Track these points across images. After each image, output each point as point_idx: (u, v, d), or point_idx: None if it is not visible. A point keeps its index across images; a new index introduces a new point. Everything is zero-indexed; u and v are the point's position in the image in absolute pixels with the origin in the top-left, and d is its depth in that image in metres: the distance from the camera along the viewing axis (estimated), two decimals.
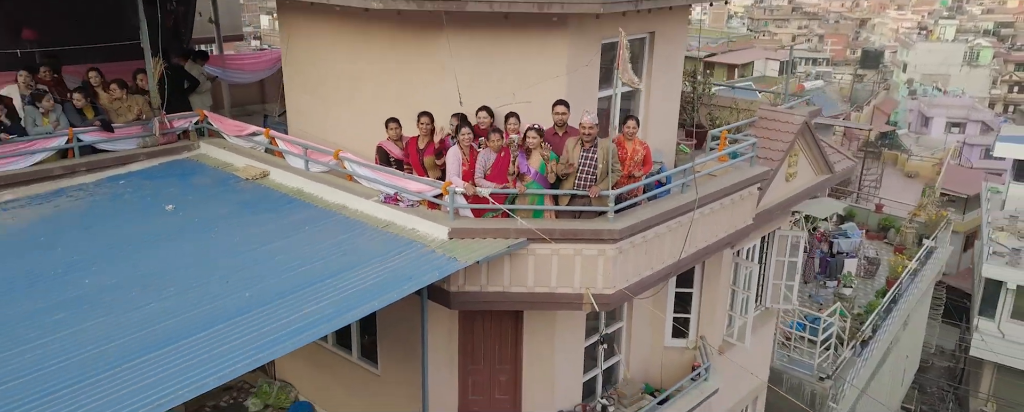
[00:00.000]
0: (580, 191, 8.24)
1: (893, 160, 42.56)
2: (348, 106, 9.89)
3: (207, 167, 10.41)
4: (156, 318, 6.60)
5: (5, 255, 7.88)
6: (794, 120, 11.34)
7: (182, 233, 8.52)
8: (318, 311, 6.69)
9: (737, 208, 10.16)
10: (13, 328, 6.54)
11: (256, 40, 59.39)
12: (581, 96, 9.12)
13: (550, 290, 8.35)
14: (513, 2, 8.03)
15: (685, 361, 11.66)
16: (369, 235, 8.29)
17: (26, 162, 9.44)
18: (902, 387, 23.37)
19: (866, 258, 20.82)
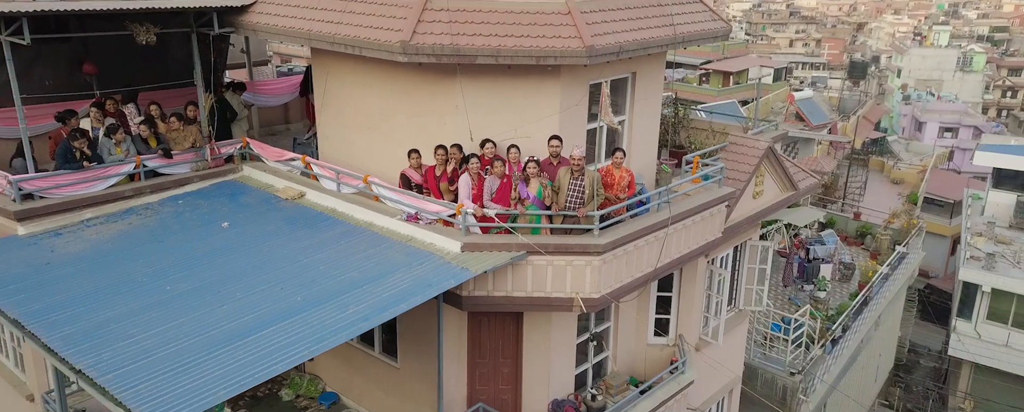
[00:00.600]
0: (570, 212, 9.90)
1: (880, 167, 44.20)
2: (373, 136, 11.53)
3: (251, 188, 12.07)
4: (232, 316, 8.26)
5: (98, 265, 9.54)
6: (759, 146, 12.98)
7: (238, 246, 10.18)
8: (360, 311, 8.35)
9: (707, 223, 11.82)
10: (118, 324, 8.19)
11: (279, 61, 60.94)
12: (572, 130, 10.78)
13: (546, 295, 10.00)
14: (515, 56, 9.69)
15: (665, 357, 13.29)
16: (394, 248, 9.95)
17: (102, 185, 11.09)
18: (875, 383, 24.97)
19: (842, 263, 22.45)
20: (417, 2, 9.89)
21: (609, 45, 9.98)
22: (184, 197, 11.69)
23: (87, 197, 10.93)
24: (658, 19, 11.03)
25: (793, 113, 42.66)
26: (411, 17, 9.80)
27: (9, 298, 8.76)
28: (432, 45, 9.64)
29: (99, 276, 9.33)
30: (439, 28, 9.74)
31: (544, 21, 9.90)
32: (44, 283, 9.17)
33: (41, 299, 8.77)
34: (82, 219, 10.82)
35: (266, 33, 11.49)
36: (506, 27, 9.84)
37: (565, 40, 9.77)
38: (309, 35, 10.79)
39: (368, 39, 9.98)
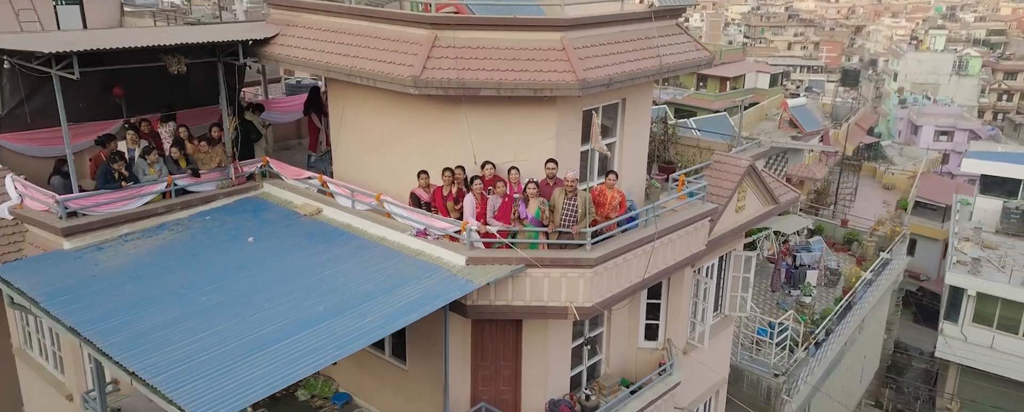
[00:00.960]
0: (565, 229, 10.95)
1: (872, 173, 45.23)
2: (385, 156, 12.56)
3: (272, 204, 13.11)
4: (262, 324, 9.30)
5: (139, 277, 10.59)
6: (741, 164, 14.01)
7: (263, 259, 11.23)
8: (376, 320, 9.39)
9: (691, 237, 12.86)
10: (162, 331, 9.23)
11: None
12: (567, 152, 11.83)
13: (543, 304, 11.05)
14: (515, 89, 10.74)
15: (655, 359, 14.32)
16: (405, 261, 11.00)
17: (138, 203, 12.14)
18: (861, 384, 25.98)
19: (828, 269, 23.48)
20: (426, 40, 10.94)
21: (599, 78, 11.04)
22: (211, 213, 12.73)
23: (124, 214, 11.97)
24: (645, 51, 12.09)
25: (787, 120, 43.71)
26: (421, 54, 10.85)
27: (64, 307, 9.80)
28: (440, 79, 10.69)
29: (141, 287, 10.37)
30: (446, 64, 10.79)
31: (541, 57, 10.95)
32: (92, 294, 10.21)
33: (92, 308, 9.81)
34: (120, 234, 11.86)
35: (286, 63, 12.55)
36: (507, 62, 10.89)
37: (560, 74, 10.82)
38: (327, 67, 11.83)
39: (382, 73, 11.04)
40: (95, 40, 10.88)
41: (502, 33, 11.02)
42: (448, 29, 10.98)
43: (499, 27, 11.06)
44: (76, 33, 12.41)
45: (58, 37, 11.56)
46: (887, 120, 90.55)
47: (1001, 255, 34.13)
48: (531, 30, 11.06)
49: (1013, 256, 33.91)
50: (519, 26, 11.06)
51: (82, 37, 11.51)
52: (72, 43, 10.60)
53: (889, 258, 24.75)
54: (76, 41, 10.76)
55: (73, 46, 10.44)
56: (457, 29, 10.99)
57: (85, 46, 10.54)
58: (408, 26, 11.23)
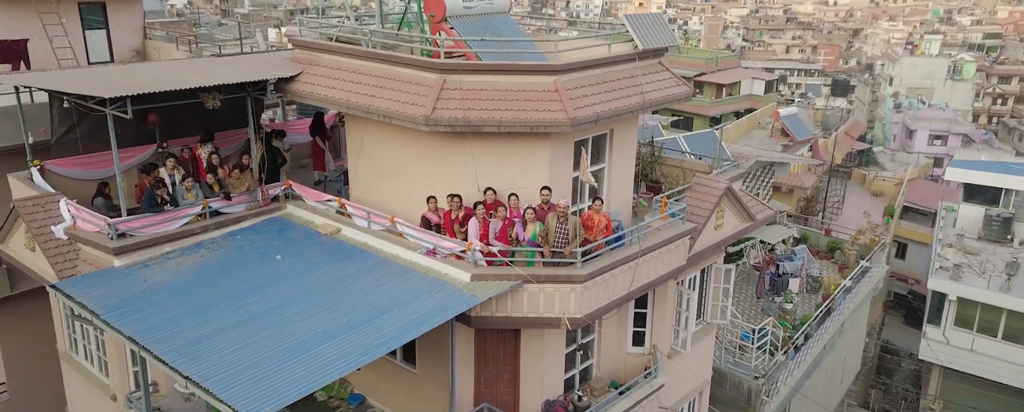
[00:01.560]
0: (558, 249, 12.42)
1: (862, 180, 46.66)
2: (398, 182, 14.02)
3: (295, 224, 14.57)
4: (295, 334, 10.77)
5: (183, 292, 12.05)
6: (719, 186, 15.45)
7: (291, 275, 12.69)
8: (393, 331, 10.86)
9: (673, 254, 14.32)
10: (209, 340, 10.70)
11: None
12: (560, 178, 13.30)
13: (539, 315, 12.51)
14: (514, 126, 12.21)
15: (642, 364, 15.78)
16: (417, 278, 12.46)
17: (177, 224, 13.60)
18: (841, 385, 27.42)
19: (810, 277, 24.93)
20: (436, 83, 12.42)
21: (588, 115, 12.51)
22: (241, 232, 14.19)
23: (166, 234, 13.43)
24: (629, 89, 13.55)
25: (779, 129, 45.17)
26: (431, 95, 12.32)
27: (121, 319, 11.27)
28: (448, 118, 12.16)
29: (186, 300, 11.84)
30: (454, 104, 12.26)
31: (537, 98, 12.42)
32: (145, 306, 11.68)
33: (145, 320, 11.28)
34: (163, 252, 13.32)
35: (309, 99, 14.02)
36: (507, 102, 12.36)
37: (553, 113, 12.30)
38: (347, 104, 13.31)
39: (397, 112, 12.51)
40: (146, 84, 12.35)
41: (503, 77, 12.50)
42: (455, 74, 12.47)
43: (500, 72, 12.54)
44: (126, 73, 13.84)
45: (113, 79, 12.98)
46: (883, 124, 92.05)
47: (982, 261, 35.61)
48: (528, 74, 12.54)
49: (994, 262, 35.39)
50: (518, 71, 12.55)
51: (133, 78, 12.94)
52: (127, 87, 12.05)
53: (868, 266, 26.17)
54: (129, 85, 12.21)
55: (128, 90, 11.90)
56: (463, 74, 12.47)
57: (138, 90, 12.01)
58: (419, 70, 12.71)
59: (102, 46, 24.36)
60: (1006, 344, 32.60)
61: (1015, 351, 32.34)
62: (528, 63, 12.64)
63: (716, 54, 69.67)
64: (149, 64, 15.92)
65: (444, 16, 13.79)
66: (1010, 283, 32.93)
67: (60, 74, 14.09)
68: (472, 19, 14.15)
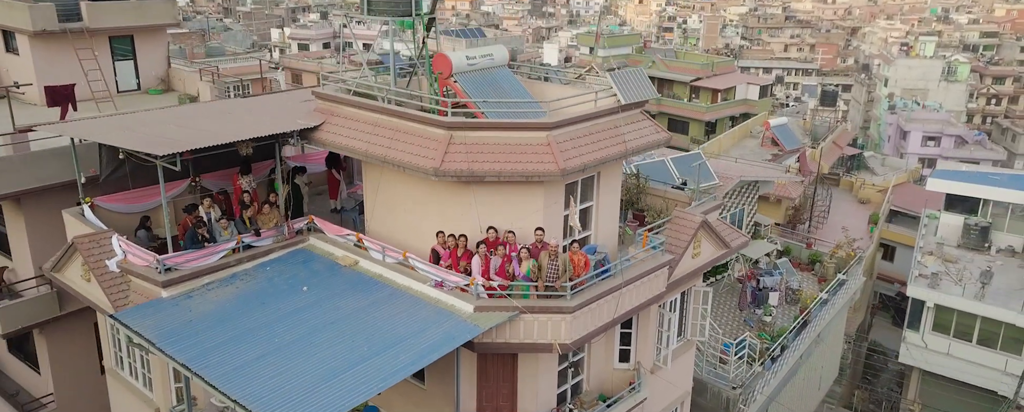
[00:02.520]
0: (549, 284, 14.25)
1: (849, 187, 48.43)
2: (409, 218, 15.82)
3: (317, 255, 16.40)
4: (325, 361, 12.60)
5: (225, 321, 13.87)
6: (696, 220, 17.25)
7: (316, 304, 14.53)
8: (408, 358, 12.69)
9: (653, 283, 16.14)
10: (251, 367, 12.53)
11: None
12: (553, 217, 15.11)
13: (533, 341, 14.34)
14: (512, 176, 14.02)
15: (627, 378, 17.61)
16: (427, 308, 14.29)
17: (215, 258, 15.43)
18: (818, 391, 29.27)
19: (789, 289, 26.74)
20: (444, 138, 14.24)
21: (576, 166, 14.34)
22: (270, 264, 16.02)
23: (206, 267, 15.26)
24: (613, 139, 15.36)
25: (769, 138, 46.94)
26: (440, 149, 14.14)
27: (174, 347, 13.13)
28: (455, 170, 13.98)
29: (228, 330, 13.68)
30: (459, 157, 14.08)
31: (532, 151, 14.23)
32: (192, 334, 13.53)
33: (194, 347, 13.13)
34: (204, 284, 15.16)
35: (332, 147, 15.85)
36: (505, 155, 14.17)
37: (546, 165, 14.12)
38: (366, 154, 15.13)
39: (410, 163, 14.34)
40: (194, 139, 14.20)
41: (502, 133, 14.32)
42: (460, 130, 14.28)
43: (500, 128, 14.35)
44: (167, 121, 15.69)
45: (163, 134, 14.78)
46: (878, 124, 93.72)
47: (960, 269, 37.44)
48: (524, 130, 14.35)
49: (971, 269, 37.21)
50: (515, 127, 14.36)
51: (179, 132, 14.78)
52: (177, 144, 13.89)
53: (845, 279, 27.96)
54: (179, 141, 14.05)
55: (179, 147, 13.74)
56: (467, 130, 14.29)
57: (187, 146, 13.85)
58: (429, 126, 14.52)
59: (130, 75, 26.22)
60: (980, 348, 34.48)
61: (988, 355, 34.22)
62: (523, 121, 14.46)
63: (712, 59, 71.46)
64: (186, 109, 17.72)
65: (451, 73, 15.62)
66: (984, 291, 34.76)
67: (116, 127, 15.86)
68: (475, 74, 15.98)
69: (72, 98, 19.49)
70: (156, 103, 25.84)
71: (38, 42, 23.68)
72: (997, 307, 33.61)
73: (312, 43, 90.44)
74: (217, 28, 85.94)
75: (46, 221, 18.66)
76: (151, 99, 26.11)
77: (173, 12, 26.43)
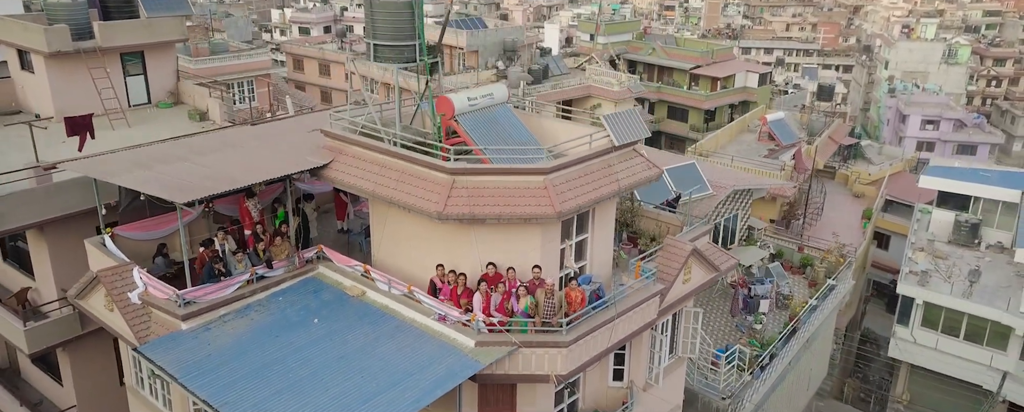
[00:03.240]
0: (546, 319, 15.18)
1: (844, 181, 49.23)
2: (413, 252, 16.70)
3: (326, 285, 17.30)
4: (338, 397, 13.55)
5: (241, 356, 14.80)
6: (686, 248, 18.12)
7: (328, 338, 15.46)
8: (415, 395, 13.64)
9: (645, 311, 17.07)
10: (268, 403, 13.50)
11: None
12: (550, 253, 15.99)
13: (531, 372, 15.30)
14: (511, 218, 14.89)
15: (621, 396, 18.61)
16: (432, 343, 15.23)
17: (230, 290, 16.35)
18: (808, 391, 30.35)
19: (780, 295, 27.70)
20: (447, 183, 15.09)
21: (571, 208, 15.21)
22: (282, 293, 16.95)
23: (222, 299, 16.19)
24: (607, 178, 16.21)
25: (766, 133, 47.63)
26: (443, 193, 15.00)
27: (195, 382, 14.10)
28: (457, 213, 14.85)
29: (245, 364, 14.64)
30: (461, 201, 14.94)
31: (529, 194, 15.08)
32: (212, 369, 14.48)
33: (215, 382, 14.09)
34: (220, 316, 16.09)
35: (339, 185, 16.69)
36: (505, 199, 15.03)
37: (542, 207, 14.98)
38: (373, 194, 15.99)
39: (415, 205, 15.20)
40: (211, 186, 15.07)
41: (501, 177, 15.17)
42: (462, 175, 15.12)
43: (499, 173, 15.19)
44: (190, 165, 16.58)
45: (184, 179, 15.63)
46: (878, 107, 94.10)
47: (949, 265, 38.40)
48: (522, 175, 15.19)
49: (961, 266, 38.18)
50: (513, 172, 15.20)
51: (198, 173, 15.65)
52: (196, 190, 14.77)
53: (834, 284, 28.90)
54: (199, 188, 14.93)
55: (197, 194, 14.62)
56: (469, 175, 15.13)
57: (205, 193, 14.73)
58: (433, 170, 15.36)
59: (141, 90, 26.97)
60: (967, 344, 35.57)
61: (975, 350, 35.33)
62: (521, 167, 15.30)
63: (711, 46, 71.82)
64: (198, 143, 18.51)
65: (453, 114, 16.43)
66: (972, 289, 35.76)
67: (134, 165, 16.69)
68: (476, 114, 16.78)
69: (90, 127, 20.29)
70: (166, 117, 26.66)
71: (53, 62, 24.42)
72: (984, 305, 34.67)
73: (313, 27, 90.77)
74: (218, 14, 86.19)
75: (68, 245, 19.60)
76: (162, 113, 26.91)
77: (181, 29, 27.10)
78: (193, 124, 25.41)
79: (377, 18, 15.86)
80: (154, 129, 24.74)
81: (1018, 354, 34.64)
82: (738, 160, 42.47)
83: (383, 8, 15.78)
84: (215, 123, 25.55)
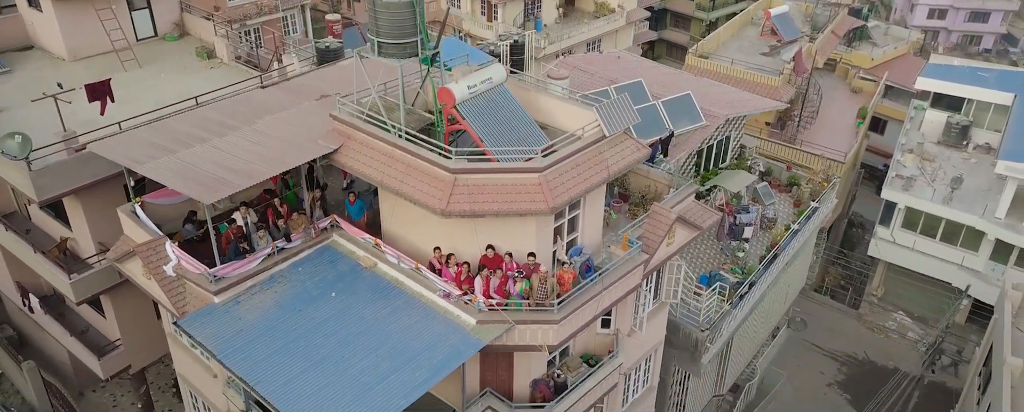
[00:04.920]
0: (540, 300, 17.01)
1: (844, 74, 49.52)
2: (418, 233, 18.23)
3: (341, 254, 18.99)
4: (359, 375, 15.62)
5: (268, 333, 16.73)
6: (671, 216, 19.61)
7: (346, 312, 17.37)
8: (423, 374, 15.71)
9: (630, 279, 18.87)
10: (296, 382, 15.60)
11: None
12: (544, 242, 17.58)
13: (526, 343, 17.33)
14: (508, 213, 16.36)
15: (608, 342, 20.76)
16: (438, 319, 17.14)
17: (255, 264, 18.09)
18: (785, 302, 32.78)
19: (765, 218, 29.41)
20: (449, 181, 16.43)
21: (563, 201, 16.66)
22: (301, 263, 18.68)
23: (248, 272, 17.97)
24: (598, 166, 17.48)
25: (769, 28, 47.43)
26: (446, 190, 16.38)
27: (231, 359, 16.16)
28: (459, 210, 16.31)
29: (273, 341, 16.62)
30: (463, 198, 16.35)
31: (525, 190, 16.46)
32: (244, 347, 16.50)
33: (247, 360, 16.13)
34: (247, 288, 17.92)
35: (350, 171, 18.00)
36: (503, 195, 16.42)
37: (537, 202, 16.41)
38: (381, 183, 17.36)
39: (421, 200, 16.63)
40: (235, 181, 16.44)
41: (499, 175, 16.48)
42: (463, 174, 16.43)
43: (497, 172, 16.48)
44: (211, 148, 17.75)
45: (211, 176, 16.88)
46: None
47: (935, 168, 39.92)
48: (519, 173, 16.49)
49: (946, 169, 39.73)
50: (510, 170, 16.49)
51: (223, 172, 16.89)
52: (222, 187, 16.19)
53: (817, 206, 30.47)
54: (224, 185, 16.30)
55: (222, 193, 16.07)
56: (469, 174, 16.43)
57: (229, 190, 16.18)
58: (437, 167, 16.63)
59: (147, 23, 27.46)
60: (942, 244, 37.83)
61: (948, 250, 37.66)
62: (518, 165, 16.56)
63: None
64: (213, 114, 19.52)
65: (454, 104, 17.48)
66: (952, 195, 37.50)
67: (152, 145, 17.92)
68: (476, 100, 17.80)
69: (109, 92, 21.20)
70: (174, 53, 27.32)
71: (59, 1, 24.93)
72: (961, 211, 36.57)
73: None
74: None
75: (101, 203, 21.27)
76: (169, 49, 27.52)
77: None
78: (201, 63, 26.14)
79: (380, 18, 16.54)
80: (164, 72, 25.55)
81: (988, 254, 36.96)
82: (737, 63, 42.77)
83: (386, 9, 16.42)
84: (222, 61, 26.26)
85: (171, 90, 24.26)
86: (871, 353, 38.55)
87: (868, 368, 37.62)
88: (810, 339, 38.80)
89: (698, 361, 24.54)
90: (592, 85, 29.23)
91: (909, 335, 39.75)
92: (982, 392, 27.20)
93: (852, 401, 35.63)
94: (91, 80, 21.51)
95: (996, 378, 25.46)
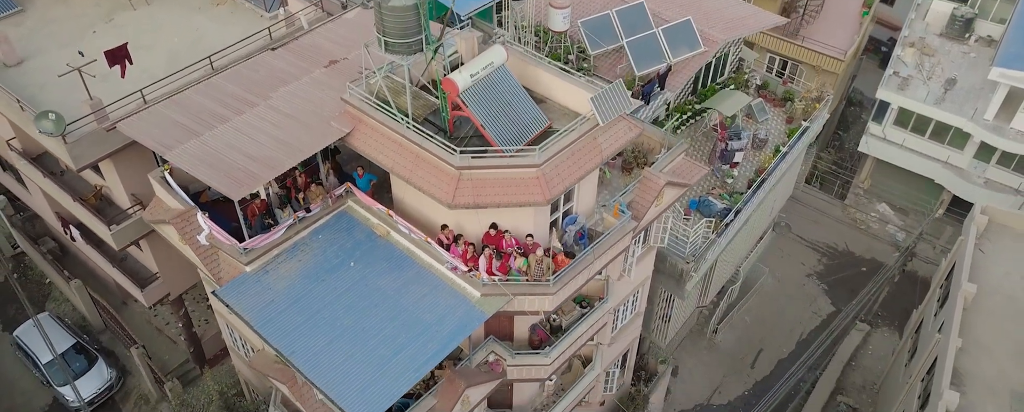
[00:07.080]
0: (538, 276, 19.00)
1: None
2: (427, 209, 19.85)
3: (356, 221, 20.74)
4: (377, 347, 17.94)
5: (295, 304, 18.88)
6: (660, 181, 21.10)
7: (363, 281, 19.44)
8: (439, 342, 18.02)
9: (620, 244, 20.74)
10: (324, 351, 17.96)
11: None
12: (541, 225, 19.29)
13: (524, 310, 19.52)
14: (509, 204, 18.00)
15: (600, 285, 22.97)
16: (447, 290, 19.22)
17: (279, 233, 19.95)
18: (770, 215, 34.69)
19: (757, 138, 30.69)
20: (454, 175, 17.93)
21: (560, 191, 18.26)
22: (321, 229, 20.50)
23: (273, 242, 19.86)
24: (592, 153, 18.86)
25: None
26: (451, 184, 17.93)
27: (266, 329, 18.43)
28: (464, 202, 17.95)
29: (302, 312, 18.81)
30: (468, 191, 17.93)
31: (524, 183, 18.01)
32: (276, 317, 18.71)
33: (280, 330, 18.39)
34: (273, 256, 19.88)
35: (362, 153, 19.37)
36: (504, 187, 17.99)
37: (534, 194, 18.01)
38: (392, 168, 18.83)
39: (429, 191, 18.22)
40: (260, 173, 17.95)
41: (500, 170, 17.94)
42: (467, 169, 17.88)
43: (498, 167, 17.91)
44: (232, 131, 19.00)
45: (237, 168, 18.31)
46: None
47: (933, 63, 40.51)
48: (518, 168, 17.94)
49: (944, 64, 40.35)
50: (511, 166, 17.93)
51: (249, 162, 18.31)
52: (250, 182, 17.75)
53: (808, 126, 31.52)
54: (252, 178, 17.83)
55: (249, 189, 17.69)
56: (473, 169, 17.89)
57: (256, 185, 17.76)
58: (442, 161, 18.04)
59: None
60: (930, 142, 39.35)
61: (935, 147, 39.24)
62: (518, 161, 17.96)
63: None
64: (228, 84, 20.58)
65: (458, 93, 18.61)
66: (945, 95, 38.47)
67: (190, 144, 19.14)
68: (477, 86, 18.89)
69: (128, 56, 21.96)
70: None
71: None
72: (952, 113, 37.73)
73: None
74: None
75: (130, 162, 22.77)
76: None
77: None
78: (211, 7, 26.51)
79: (386, 20, 17.28)
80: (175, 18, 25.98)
81: (973, 154, 38.53)
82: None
83: (391, 12, 17.13)
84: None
85: (182, 36, 24.94)
86: (851, 244, 41.02)
87: (846, 260, 40.22)
88: (795, 231, 41.13)
89: (683, 287, 26.91)
90: (592, 8, 29.55)
91: (888, 227, 42.00)
92: (941, 306, 29.75)
93: (828, 292, 38.57)
94: (102, 20, 22.13)
95: (952, 298, 27.88)
